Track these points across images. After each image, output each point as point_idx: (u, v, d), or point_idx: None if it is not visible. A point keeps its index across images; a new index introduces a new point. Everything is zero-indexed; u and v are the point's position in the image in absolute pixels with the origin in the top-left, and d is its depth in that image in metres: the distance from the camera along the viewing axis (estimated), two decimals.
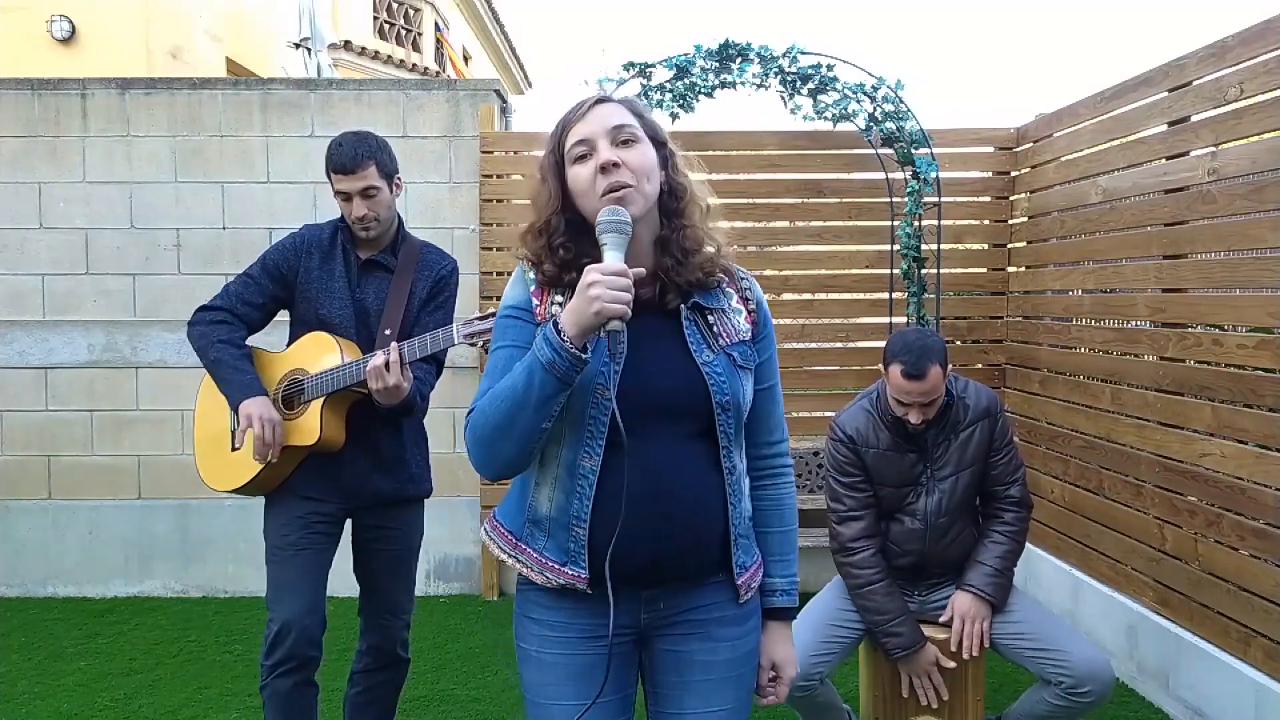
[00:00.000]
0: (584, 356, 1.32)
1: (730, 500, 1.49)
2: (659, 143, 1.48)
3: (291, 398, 2.36)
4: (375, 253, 2.43)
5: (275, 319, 2.51)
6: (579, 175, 1.43)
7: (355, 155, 2.31)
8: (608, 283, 1.29)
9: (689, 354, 1.46)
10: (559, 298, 1.46)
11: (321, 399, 2.31)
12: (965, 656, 2.51)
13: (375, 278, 2.43)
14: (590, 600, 1.47)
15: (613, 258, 1.34)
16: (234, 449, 2.40)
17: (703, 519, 1.47)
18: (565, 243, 1.46)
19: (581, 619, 1.49)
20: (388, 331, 2.37)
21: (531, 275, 1.49)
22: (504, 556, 1.54)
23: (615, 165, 1.40)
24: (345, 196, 2.35)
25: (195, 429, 2.51)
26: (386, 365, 2.16)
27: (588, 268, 1.32)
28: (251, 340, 2.44)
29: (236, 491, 2.40)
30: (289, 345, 2.44)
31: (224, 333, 2.37)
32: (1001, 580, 2.53)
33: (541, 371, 1.33)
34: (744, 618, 1.56)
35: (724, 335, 1.50)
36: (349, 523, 2.49)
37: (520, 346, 1.44)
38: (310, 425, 2.32)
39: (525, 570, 1.50)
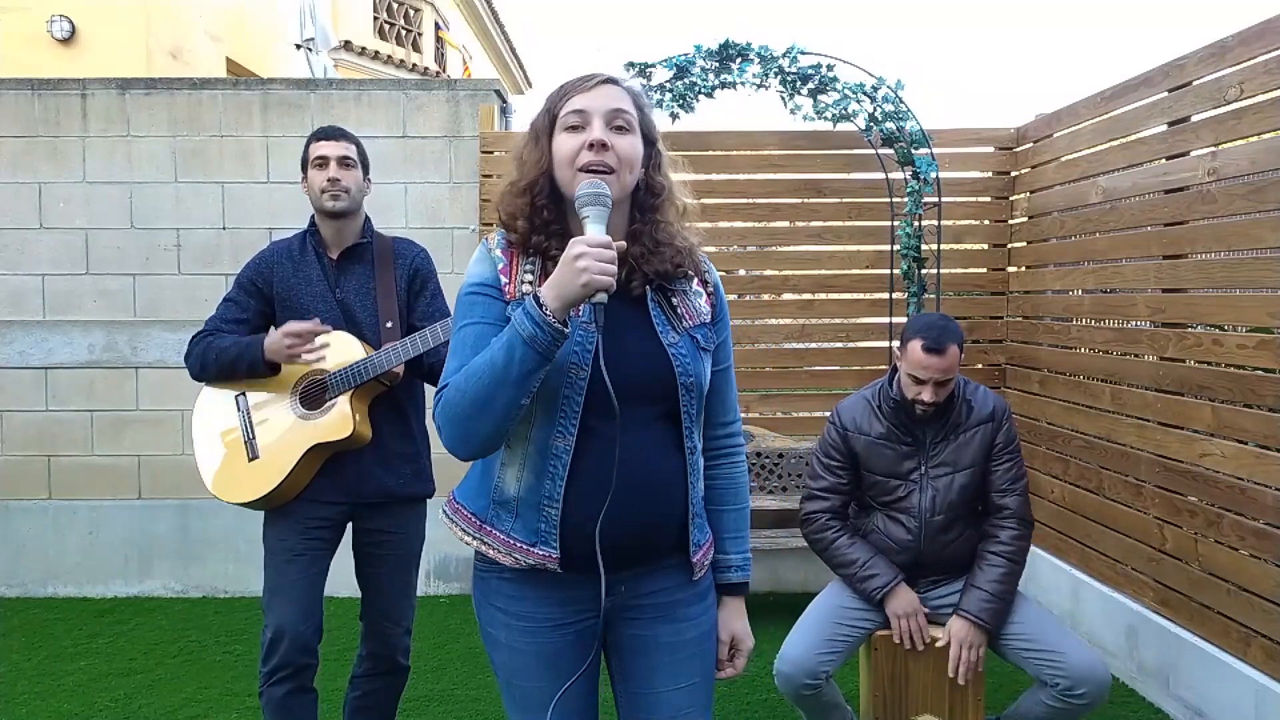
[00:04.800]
0: (565, 330, 1.32)
1: (690, 480, 1.53)
2: (649, 140, 1.51)
3: (312, 396, 2.36)
4: (346, 247, 2.45)
5: None
6: (565, 144, 1.44)
7: (340, 130, 2.48)
8: (595, 254, 1.30)
9: (655, 336, 1.49)
10: (528, 276, 1.47)
11: (349, 393, 2.32)
12: (960, 683, 2.51)
13: (353, 274, 2.44)
14: (555, 585, 1.49)
15: (595, 230, 1.35)
16: (251, 459, 2.37)
17: (666, 499, 1.51)
18: (547, 204, 1.47)
19: (548, 606, 1.51)
20: (389, 324, 2.39)
21: (498, 251, 1.49)
22: (467, 539, 1.54)
23: (604, 146, 1.41)
24: (321, 163, 2.40)
25: (196, 448, 2.45)
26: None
27: (573, 240, 1.33)
28: None
29: (256, 503, 2.36)
30: None
31: (213, 339, 2.40)
32: (997, 605, 2.51)
33: (523, 346, 1.31)
34: (701, 596, 1.60)
35: (687, 317, 1.53)
36: (350, 527, 2.48)
37: (489, 323, 1.44)
38: (341, 419, 2.32)
39: (492, 552, 1.50)
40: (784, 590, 4.35)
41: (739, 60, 3.94)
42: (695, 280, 1.58)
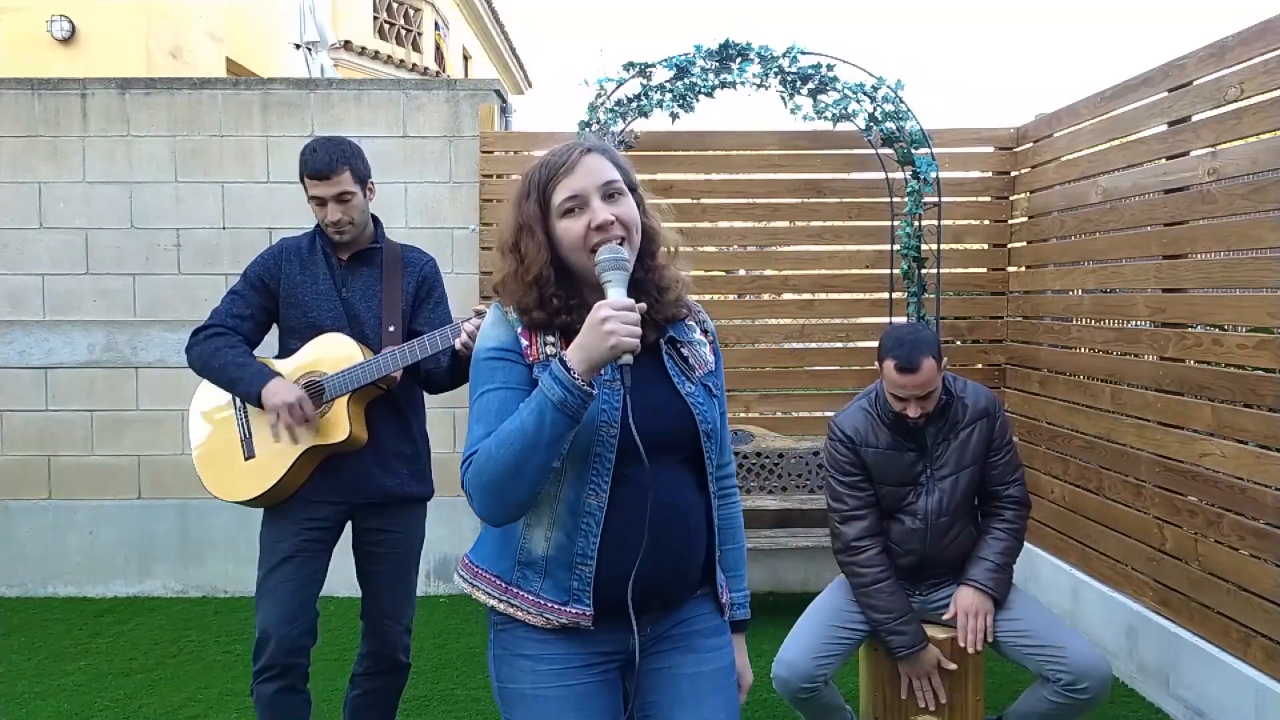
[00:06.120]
0: (593, 392, 1.34)
1: (712, 522, 1.57)
2: (632, 188, 1.51)
3: (309, 398, 2.35)
4: (356, 250, 2.45)
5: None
6: (570, 230, 1.44)
7: (330, 161, 2.34)
8: (621, 317, 1.32)
9: (673, 387, 1.52)
10: (550, 338, 1.47)
11: (346, 396, 2.32)
12: (971, 651, 2.51)
13: (360, 277, 2.45)
14: (584, 633, 1.48)
15: (617, 294, 1.37)
16: (248, 457, 2.38)
17: (694, 544, 1.54)
18: (557, 291, 1.46)
19: (576, 650, 1.50)
20: (391, 329, 2.40)
21: (515, 317, 1.48)
22: (494, 602, 1.52)
23: (610, 223, 1.42)
24: (320, 202, 2.36)
25: (194, 444, 2.45)
26: (471, 335, 2.18)
27: (598, 304, 1.34)
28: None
29: (253, 501, 2.37)
30: (286, 354, 2.43)
31: (220, 342, 2.38)
32: (1003, 575, 2.55)
33: (554, 411, 1.33)
34: (721, 630, 1.61)
35: (698, 366, 1.57)
36: (349, 526, 2.48)
37: (514, 388, 1.44)
38: (338, 423, 2.33)
39: (520, 614, 1.49)
40: (784, 590, 4.35)
41: (739, 60, 3.94)
42: (697, 330, 1.61)
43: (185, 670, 3.54)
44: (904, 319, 4.15)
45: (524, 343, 1.47)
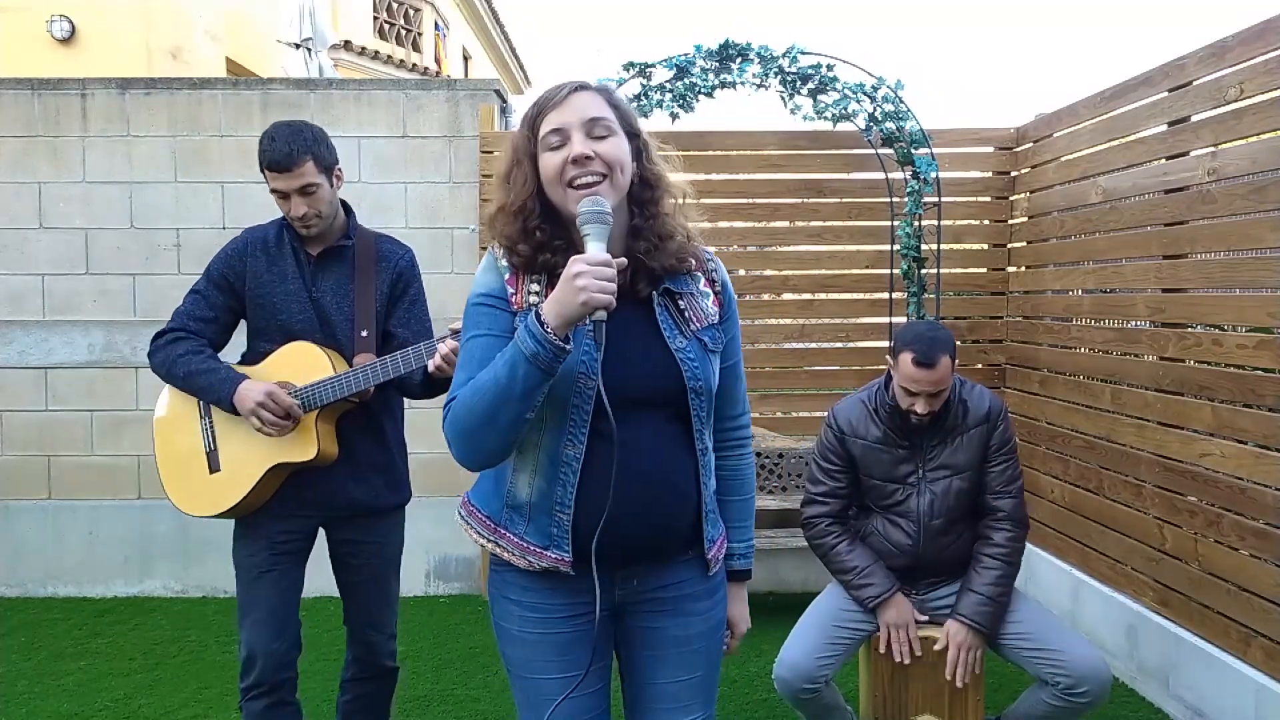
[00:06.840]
0: (566, 347, 1.34)
1: (702, 480, 1.55)
2: (633, 134, 1.50)
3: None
4: (327, 245, 2.30)
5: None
6: (549, 163, 1.44)
7: (290, 151, 2.16)
8: (594, 273, 1.31)
9: (663, 341, 1.50)
10: (534, 286, 1.48)
11: (315, 411, 2.21)
12: (958, 685, 2.51)
13: (331, 274, 2.29)
14: (567, 580, 1.51)
15: (596, 248, 1.36)
16: (212, 471, 2.28)
17: (678, 500, 1.53)
18: (541, 225, 1.47)
19: (559, 598, 1.53)
20: (364, 334, 2.27)
21: (505, 262, 1.49)
22: (483, 541, 1.57)
23: (588, 158, 1.41)
24: (282, 195, 2.20)
25: (158, 454, 2.34)
26: (446, 359, 2.07)
27: (572, 258, 1.34)
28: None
29: (216, 517, 2.29)
30: (254, 357, 2.31)
31: (183, 348, 2.26)
32: (993, 608, 2.50)
33: (525, 363, 1.33)
34: (713, 590, 1.63)
35: (695, 320, 1.54)
36: (325, 534, 2.39)
37: (497, 335, 1.45)
38: (306, 439, 2.21)
39: (505, 554, 1.53)
40: (784, 590, 4.35)
41: (739, 60, 3.94)
42: (702, 280, 1.58)
43: (185, 670, 3.54)
44: (904, 319, 4.15)
45: (510, 290, 1.48)
